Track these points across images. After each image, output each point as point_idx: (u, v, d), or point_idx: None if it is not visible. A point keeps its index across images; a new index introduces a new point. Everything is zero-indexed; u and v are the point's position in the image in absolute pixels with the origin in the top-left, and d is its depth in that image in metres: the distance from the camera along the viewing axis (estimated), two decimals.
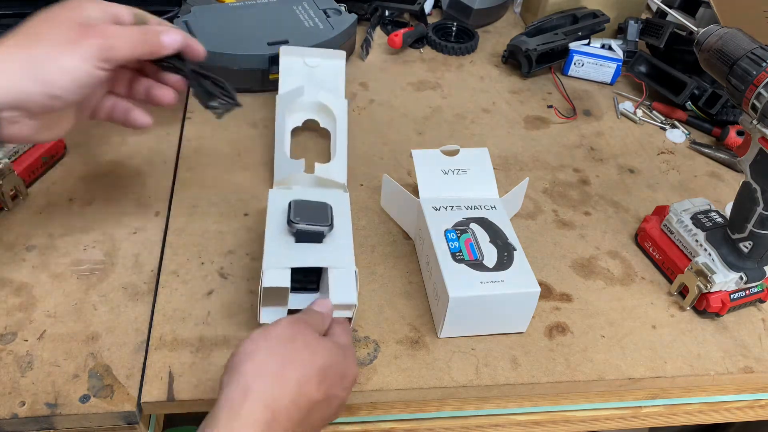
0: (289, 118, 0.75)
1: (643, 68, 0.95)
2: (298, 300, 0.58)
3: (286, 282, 0.54)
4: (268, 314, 0.56)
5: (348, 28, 0.89)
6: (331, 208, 0.59)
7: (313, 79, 0.78)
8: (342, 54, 0.80)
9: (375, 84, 0.91)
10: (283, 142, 0.72)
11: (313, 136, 0.80)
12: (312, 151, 0.78)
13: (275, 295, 0.55)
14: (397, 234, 0.68)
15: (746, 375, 0.60)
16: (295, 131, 0.77)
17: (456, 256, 0.58)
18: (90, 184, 0.70)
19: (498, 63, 0.98)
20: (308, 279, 0.58)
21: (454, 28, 1.03)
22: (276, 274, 0.54)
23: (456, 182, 0.66)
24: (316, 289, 0.59)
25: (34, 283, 0.59)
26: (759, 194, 0.57)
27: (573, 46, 0.96)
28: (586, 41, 0.97)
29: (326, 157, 0.75)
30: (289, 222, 0.56)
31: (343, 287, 0.54)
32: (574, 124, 0.88)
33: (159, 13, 0.88)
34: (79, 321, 0.56)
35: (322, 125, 0.77)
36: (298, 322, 0.48)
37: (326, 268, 0.56)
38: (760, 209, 0.58)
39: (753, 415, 0.70)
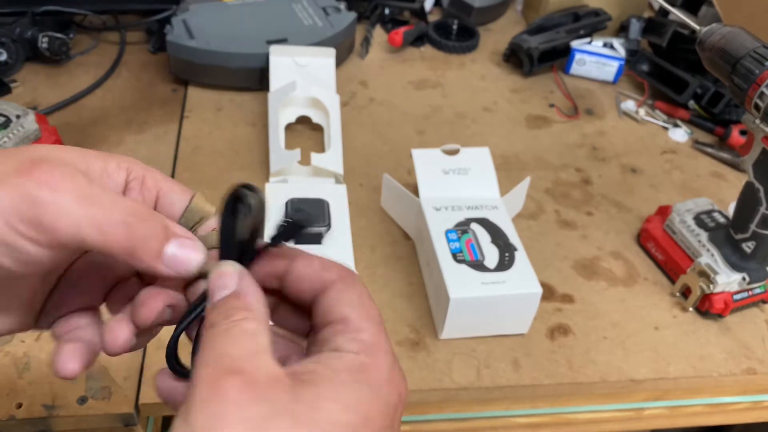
0: (282, 114, 0.75)
1: (645, 67, 0.94)
2: None
3: None
4: None
5: (347, 26, 0.89)
6: (327, 204, 0.59)
7: (304, 77, 0.77)
8: (331, 51, 0.80)
9: (375, 83, 0.90)
10: (278, 134, 0.72)
11: (306, 132, 0.79)
12: (306, 144, 0.77)
13: None
14: (398, 234, 0.68)
15: (749, 376, 0.59)
16: (289, 128, 0.77)
17: (457, 256, 0.58)
18: None
19: (499, 62, 0.98)
20: None
21: (454, 27, 1.02)
22: None
23: (457, 182, 0.66)
24: None
25: None
26: (762, 194, 0.57)
27: (575, 44, 0.95)
28: (588, 40, 0.97)
29: (321, 150, 0.75)
30: None
31: None
32: (576, 124, 0.88)
33: (156, 12, 0.88)
34: None
35: (314, 121, 0.76)
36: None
37: None
38: (763, 209, 0.57)
39: (756, 417, 0.70)
